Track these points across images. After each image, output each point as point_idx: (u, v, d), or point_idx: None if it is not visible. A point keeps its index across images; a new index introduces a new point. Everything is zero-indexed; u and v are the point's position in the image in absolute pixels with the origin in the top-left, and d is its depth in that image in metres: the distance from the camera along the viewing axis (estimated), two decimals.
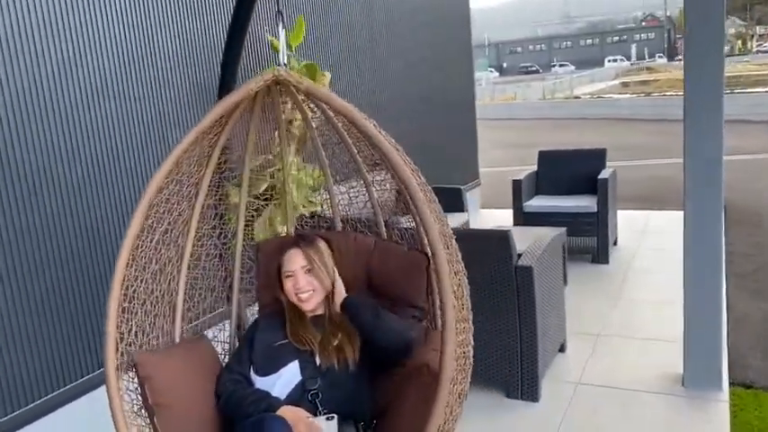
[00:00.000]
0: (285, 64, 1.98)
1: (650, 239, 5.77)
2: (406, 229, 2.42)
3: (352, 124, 1.83)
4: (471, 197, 7.21)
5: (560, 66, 57.79)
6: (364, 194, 2.54)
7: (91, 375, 2.94)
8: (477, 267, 2.98)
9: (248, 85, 1.90)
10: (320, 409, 1.95)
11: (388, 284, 2.27)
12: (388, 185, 2.56)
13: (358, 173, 2.47)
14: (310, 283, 2.14)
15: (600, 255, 5.12)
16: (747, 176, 8.99)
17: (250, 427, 1.80)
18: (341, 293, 2.14)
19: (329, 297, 2.19)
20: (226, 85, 3.03)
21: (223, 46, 3.24)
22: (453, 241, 1.89)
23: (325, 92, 1.87)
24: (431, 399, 1.60)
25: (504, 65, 71.70)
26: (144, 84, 3.21)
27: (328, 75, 3.56)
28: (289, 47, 3.49)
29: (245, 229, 2.62)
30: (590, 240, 5.19)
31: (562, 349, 3.53)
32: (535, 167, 5.81)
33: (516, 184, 5.39)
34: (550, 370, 3.31)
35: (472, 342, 1.91)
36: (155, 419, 1.91)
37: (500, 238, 2.90)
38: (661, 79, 31.40)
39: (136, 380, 1.94)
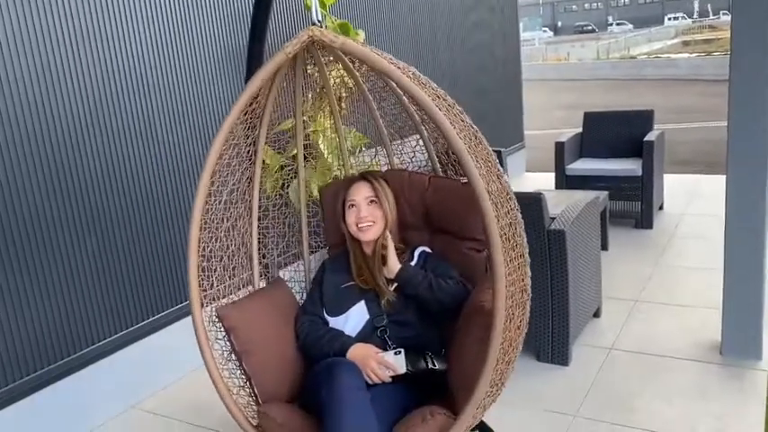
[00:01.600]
0: (319, 21, 1.96)
1: (698, 205, 5.59)
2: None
3: (390, 79, 1.86)
4: (515, 160, 7.11)
5: (617, 24, 55.75)
6: (416, 142, 2.56)
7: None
8: None
9: (285, 48, 1.91)
10: (389, 344, 2.07)
11: (445, 218, 2.35)
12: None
13: (410, 120, 2.49)
14: (372, 213, 2.24)
15: (643, 220, 5.00)
16: None
17: (325, 373, 1.90)
18: (394, 266, 2.16)
19: (386, 229, 2.27)
20: (254, 51, 3.03)
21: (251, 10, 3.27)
22: (503, 179, 1.92)
23: (362, 48, 1.85)
24: (487, 338, 1.71)
25: (559, 24, 69.54)
26: (179, 53, 3.28)
27: (362, 33, 3.52)
28: (322, 5, 3.47)
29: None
30: (634, 205, 5.06)
31: (597, 314, 3.49)
32: (580, 130, 5.67)
33: (559, 147, 5.27)
34: (583, 335, 3.28)
35: (529, 273, 1.95)
36: (243, 364, 2.12)
37: (532, 201, 2.85)
38: (724, 37, 29.96)
39: (223, 331, 2.13)
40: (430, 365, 1.99)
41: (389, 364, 1.98)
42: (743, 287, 2.91)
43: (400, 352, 1.99)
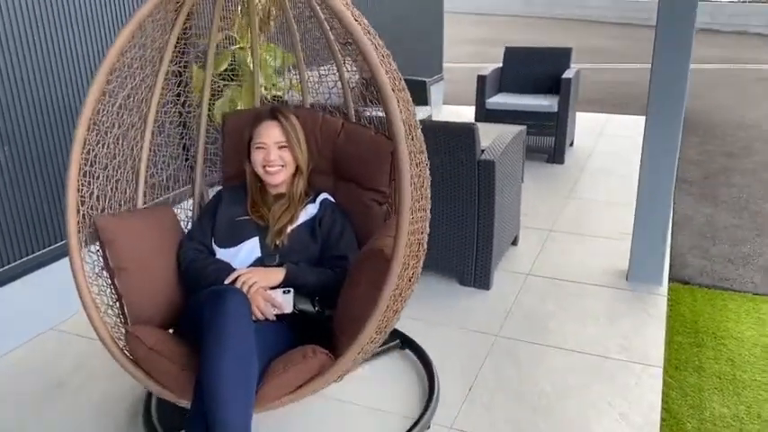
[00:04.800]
0: None
1: (606, 142, 5.89)
2: (374, 116, 2.41)
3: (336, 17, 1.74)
4: (435, 92, 7.14)
5: None
6: (335, 75, 2.50)
7: (60, 244, 2.98)
8: (441, 158, 3.02)
9: None
10: (279, 283, 2.01)
11: (352, 166, 2.31)
12: (356, 71, 2.53)
13: (330, 52, 2.42)
14: (282, 158, 2.16)
15: (556, 155, 5.22)
16: (707, 86, 9.13)
17: (211, 296, 1.80)
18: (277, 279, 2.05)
19: (296, 174, 2.21)
20: None
21: None
22: (418, 131, 1.90)
23: None
24: (381, 282, 1.69)
25: None
26: None
27: None
28: None
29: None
30: (548, 140, 5.27)
31: (515, 242, 3.67)
32: (500, 65, 5.76)
33: (481, 80, 5.36)
34: (503, 261, 3.44)
35: (428, 230, 1.97)
36: (115, 281, 1.98)
37: (466, 132, 2.91)
38: None
39: (97, 243, 1.97)
40: (317, 308, 1.99)
41: (276, 302, 1.95)
42: (651, 221, 3.13)
43: (289, 291, 1.97)
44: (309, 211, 2.21)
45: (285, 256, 2.09)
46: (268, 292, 1.96)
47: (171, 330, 2.10)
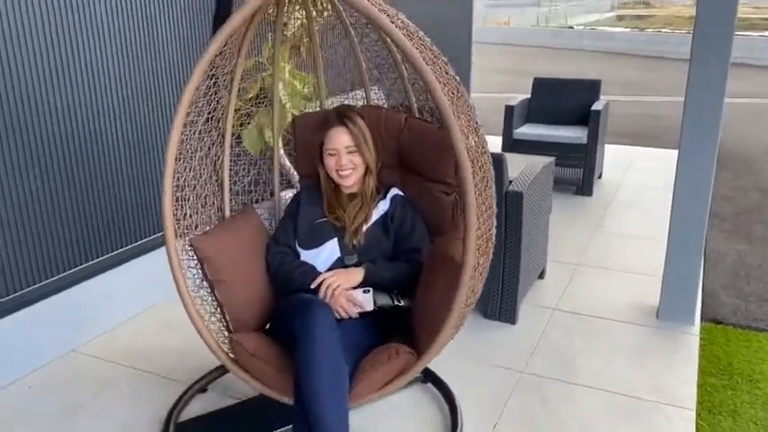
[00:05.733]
0: None
1: (634, 175, 5.80)
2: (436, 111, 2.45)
3: (380, 29, 1.89)
4: None
5: None
6: (363, 101, 2.57)
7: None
8: None
9: None
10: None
11: (417, 161, 2.37)
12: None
13: (359, 73, 2.47)
14: (352, 161, 2.24)
15: (584, 187, 5.15)
16: (739, 120, 9.00)
17: (300, 309, 1.98)
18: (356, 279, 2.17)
19: (366, 174, 2.30)
20: None
21: None
22: (480, 132, 1.99)
23: None
24: (455, 286, 1.84)
25: None
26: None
27: None
28: None
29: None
30: (576, 172, 5.20)
31: (542, 275, 3.60)
32: (528, 95, 5.74)
33: (508, 110, 5.33)
34: (529, 295, 3.37)
35: (495, 223, 2.05)
36: (215, 292, 2.18)
37: (493, 162, 2.87)
38: (657, 15, 30.80)
39: (195, 260, 2.17)
40: (395, 302, 2.10)
41: (358, 301, 2.08)
42: (683, 257, 3.05)
43: (369, 290, 2.09)
44: (381, 207, 2.30)
45: (363, 254, 2.22)
46: (350, 293, 2.09)
47: (267, 326, 2.32)
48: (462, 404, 2.44)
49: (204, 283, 2.19)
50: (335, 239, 2.25)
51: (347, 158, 2.23)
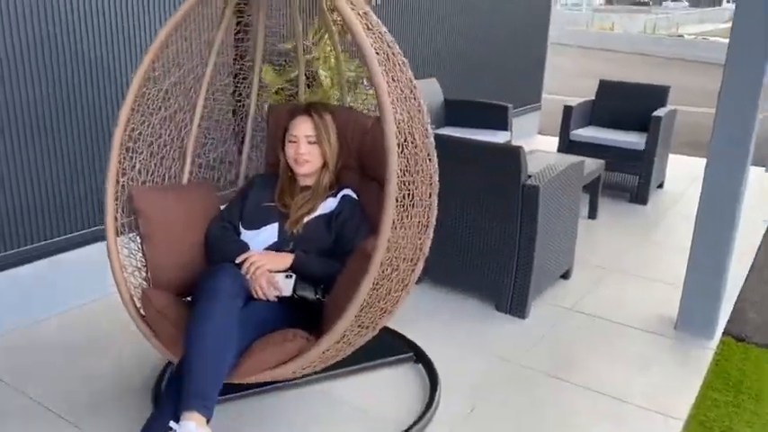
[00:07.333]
0: None
1: (699, 189, 5.54)
2: None
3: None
4: (528, 120, 7.07)
5: (673, 1, 53.85)
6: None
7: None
8: (487, 179, 3.01)
9: None
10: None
11: (373, 166, 2.38)
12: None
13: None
14: (310, 152, 2.30)
15: (639, 195, 4.99)
16: None
17: (209, 272, 2.04)
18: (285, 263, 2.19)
19: (323, 169, 2.35)
20: None
21: None
22: (428, 140, 1.96)
23: None
24: (361, 275, 1.79)
25: None
26: None
27: None
28: None
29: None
30: (632, 179, 5.07)
31: (566, 276, 3.55)
32: (592, 97, 5.62)
33: (567, 111, 5.24)
34: (547, 293, 3.35)
35: (430, 237, 2.03)
36: (143, 247, 2.20)
37: (510, 154, 2.89)
38: None
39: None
40: (318, 296, 2.10)
41: (278, 285, 2.08)
42: (705, 268, 2.95)
43: (291, 276, 2.10)
44: (329, 204, 2.33)
45: (299, 243, 2.23)
46: (272, 275, 2.10)
47: (190, 299, 2.27)
48: (447, 386, 2.49)
49: (138, 237, 2.22)
50: (276, 224, 2.27)
51: (306, 148, 2.28)
